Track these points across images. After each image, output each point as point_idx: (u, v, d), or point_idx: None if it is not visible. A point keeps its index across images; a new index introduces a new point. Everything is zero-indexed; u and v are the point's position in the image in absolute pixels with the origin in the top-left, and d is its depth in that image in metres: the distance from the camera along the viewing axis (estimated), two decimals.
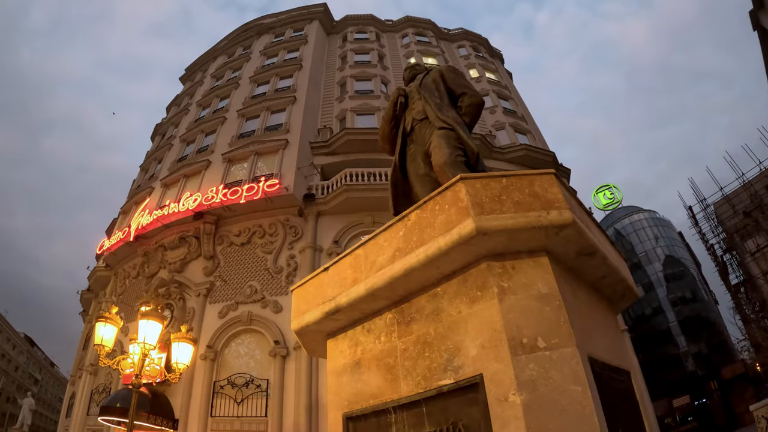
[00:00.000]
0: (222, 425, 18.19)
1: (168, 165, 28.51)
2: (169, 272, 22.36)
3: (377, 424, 3.63)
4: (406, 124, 5.59)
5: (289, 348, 18.32)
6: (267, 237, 21.23)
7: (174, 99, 41.02)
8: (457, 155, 4.71)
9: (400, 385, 3.59)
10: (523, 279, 3.33)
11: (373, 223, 20.75)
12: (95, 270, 29.17)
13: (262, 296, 19.75)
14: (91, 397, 24.55)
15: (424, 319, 3.67)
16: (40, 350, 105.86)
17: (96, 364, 24.93)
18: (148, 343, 9.37)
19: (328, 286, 4.26)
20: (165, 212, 22.67)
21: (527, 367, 3.01)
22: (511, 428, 2.86)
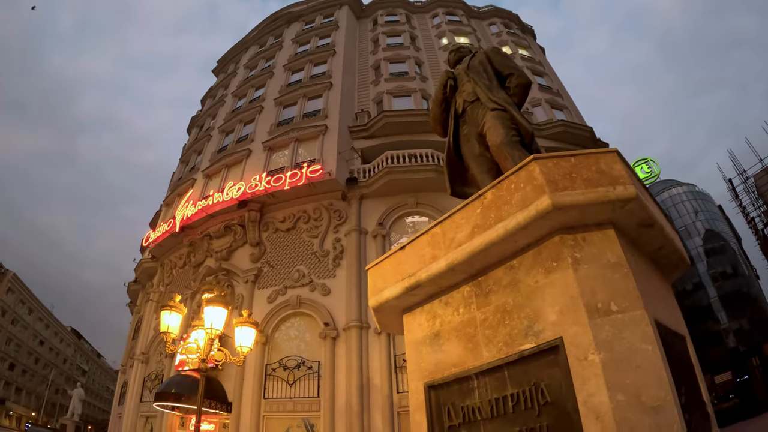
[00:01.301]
0: (275, 407, 18.52)
1: (209, 156, 28.89)
2: (216, 260, 22.73)
3: (459, 391, 3.84)
4: (457, 106, 5.68)
5: (338, 329, 18.53)
6: (312, 222, 21.42)
7: (208, 91, 41.45)
8: (512, 135, 4.83)
9: (482, 352, 3.80)
10: (594, 250, 3.56)
11: (416, 204, 20.80)
12: (141, 262, 29.71)
13: (310, 280, 19.97)
14: (143, 384, 25.18)
15: (501, 290, 3.88)
16: (87, 342, 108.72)
17: (147, 352, 25.53)
18: (214, 328, 9.52)
19: (407, 264, 4.50)
20: (209, 202, 23.00)
21: (603, 329, 3.24)
22: (591, 385, 3.09)
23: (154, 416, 23.02)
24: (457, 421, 3.78)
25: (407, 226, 20.73)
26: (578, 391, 3.13)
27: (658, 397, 3.03)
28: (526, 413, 3.37)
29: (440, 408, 3.97)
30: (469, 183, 5.59)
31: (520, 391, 3.43)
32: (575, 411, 3.10)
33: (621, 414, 2.96)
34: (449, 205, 14.77)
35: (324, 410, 17.42)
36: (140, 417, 24.59)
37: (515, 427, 3.39)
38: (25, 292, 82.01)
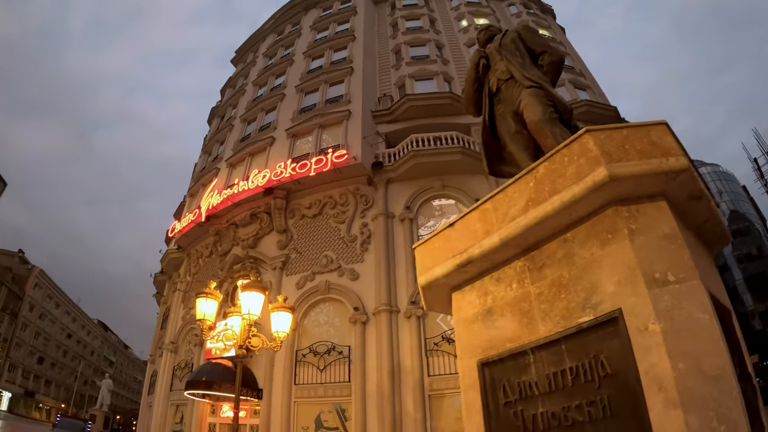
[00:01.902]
0: (306, 392, 18.57)
1: (231, 145, 28.96)
2: (243, 249, 22.78)
3: (515, 367, 3.85)
4: (491, 85, 5.70)
5: (368, 314, 18.51)
6: (338, 207, 21.35)
7: (228, 81, 41.49)
8: (551, 112, 4.84)
9: (538, 326, 3.80)
10: (648, 221, 3.58)
11: (442, 187, 20.66)
12: (167, 252, 29.88)
13: (338, 265, 19.94)
14: (173, 373, 25.42)
15: (556, 264, 3.89)
16: (114, 334, 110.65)
17: (176, 342, 25.72)
18: (252, 313, 9.47)
19: (457, 240, 4.53)
20: (234, 191, 23.06)
21: (662, 299, 3.25)
22: (653, 354, 3.11)
23: (185, 404, 23.19)
24: (513, 397, 3.79)
25: (434, 210, 20.62)
26: (639, 361, 3.14)
27: (717, 366, 3.05)
28: (586, 386, 3.37)
29: (495, 385, 3.98)
30: (507, 161, 5.62)
31: (579, 365, 3.43)
32: (637, 382, 3.11)
33: (683, 382, 2.98)
34: (476, 188, 14.78)
35: (355, 395, 17.45)
36: (170, 405, 24.84)
37: (575, 400, 3.38)
38: (51, 287, 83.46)
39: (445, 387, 16.71)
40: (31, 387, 79.01)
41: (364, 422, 16.87)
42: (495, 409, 3.92)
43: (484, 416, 3.98)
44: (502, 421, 3.83)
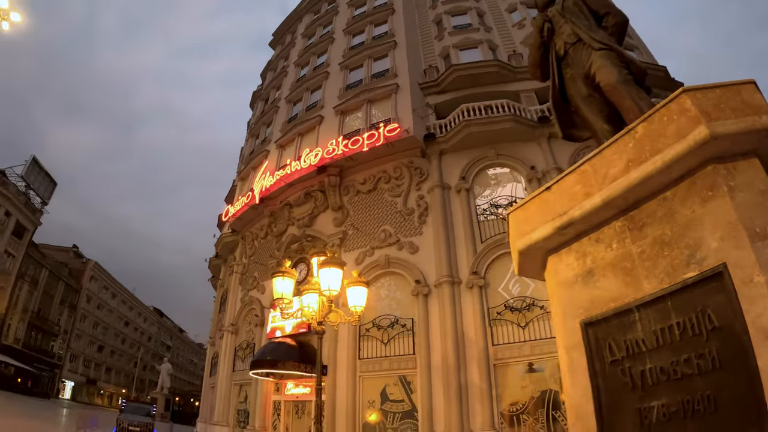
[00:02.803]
0: (370, 366, 18.72)
1: (279, 127, 29.13)
2: (299, 228, 22.96)
3: (619, 325, 3.91)
4: (557, 49, 5.62)
5: (430, 286, 18.48)
6: (393, 181, 21.29)
7: (267, 64, 41.70)
8: (625, 74, 4.79)
9: (642, 284, 3.84)
10: (745, 178, 3.60)
11: (496, 156, 20.38)
12: (222, 237, 30.29)
13: (396, 239, 19.93)
14: (235, 354, 25.96)
15: (657, 222, 3.93)
16: (169, 319, 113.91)
17: (236, 323, 26.19)
18: (332, 289, 9.46)
19: (555, 203, 4.56)
20: (287, 171, 23.20)
21: (765, 251, 3.28)
22: (758, 305, 3.11)
23: (249, 384, 23.69)
24: (620, 355, 3.85)
25: (489, 179, 20.38)
26: (746, 312, 3.16)
27: None
28: (693, 340, 3.41)
29: (599, 344, 4.04)
30: (579, 125, 5.60)
31: (685, 319, 3.47)
32: (744, 332, 3.14)
33: None
34: (529, 155, 14.59)
35: (420, 367, 17.53)
36: (234, 386, 25.41)
37: (683, 354, 3.43)
38: (106, 278, 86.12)
39: (509, 356, 16.64)
40: (92, 375, 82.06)
41: (430, 393, 16.95)
42: (601, 367, 3.99)
43: (590, 375, 4.04)
44: (609, 379, 3.90)
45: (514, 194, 19.46)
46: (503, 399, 16.25)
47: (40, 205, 63.46)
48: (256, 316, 24.48)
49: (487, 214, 19.35)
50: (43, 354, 66.89)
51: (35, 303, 63.97)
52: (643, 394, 3.60)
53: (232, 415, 24.99)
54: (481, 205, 19.68)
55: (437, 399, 16.78)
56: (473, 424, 16.00)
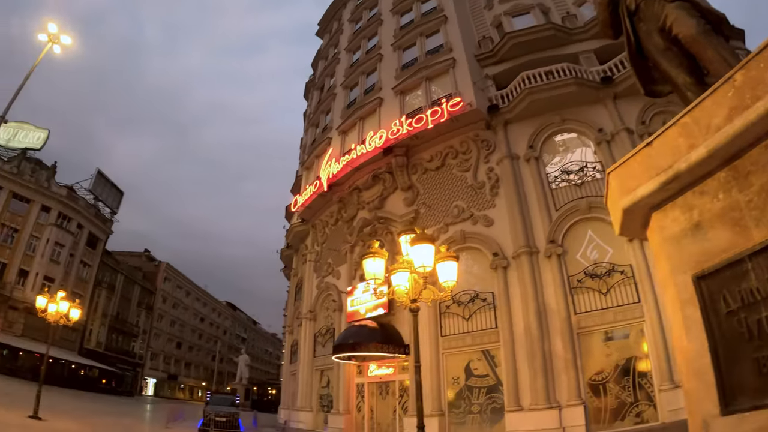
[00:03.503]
0: (453, 343, 18.77)
1: (339, 113, 29.28)
2: (369, 211, 23.13)
3: (732, 276, 3.79)
4: (628, 4, 5.46)
5: (508, 258, 18.35)
6: (460, 156, 21.16)
7: (317, 54, 41.81)
8: (704, 24, 4.59)
9: (752, 233, 3.74)
10: None
11: (562, 121, 19.96)
12: (292, 227, 30.73)
13: (470, 213, 19.84)
14: (314, 340, 26.37)
15: (761, 170, 3.81)
16: (242, 312, 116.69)
17: (314, 310, 26.54)
18: (425, 265, 9.48)
19: (658, 158, 4.45)
20: (353, 156, 23.35)
21: None
22: None
23: (330, 368, 24.04)
24: (735, 306, 3.72)
25: (557, 145, 19.98)
26: None
27: None
28: None
29: (713, 296, 3.93)
30: (658, 80, 5.44)
31: None
32: None
33: None
34: (595, 118, 14.27)
35: (503, 340, 17.46)
36: (315, 371, 25.85)
37: None
38: (179, 277, 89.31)
39: (593, 324, 16.41)
40: (172, 371, 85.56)
41: (514, 366, 16.91)
42: (716, 320, 3.89)
43: (705, 329, 3.95)
44: (725, 330, 3.80)
45: (584, 159, 19.03)
46: (588, 368, 16.08)
47: (110, 215, 66.60)
48: (334, 301, 24.85)
49: (558, 181, 19.03)
50: (125, 354, 70.52)
51: (114, 307, 66.94)
52: (760, 344, 3.51)
53: (315, 400, 25.49)
54: (551, 172, 19.36)
55: (522, 372, 16.72)
56: (559, 396, 15.90)
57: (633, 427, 14.49)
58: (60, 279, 53.36)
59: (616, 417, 15.07)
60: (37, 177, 56.22)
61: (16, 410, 18.63)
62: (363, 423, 21.75)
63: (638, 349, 15.44)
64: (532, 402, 16.04)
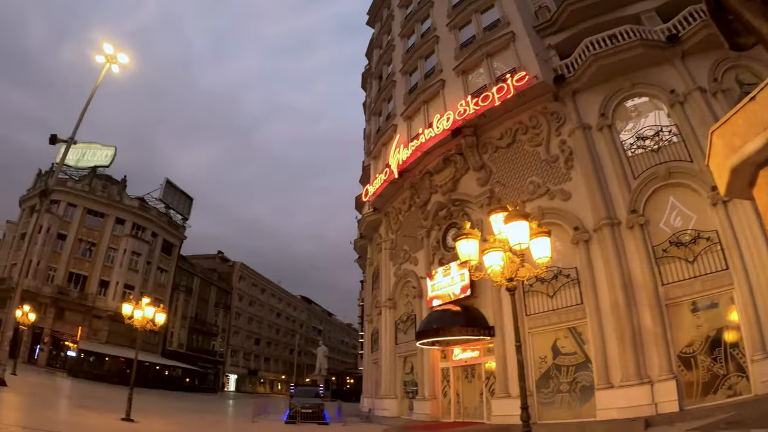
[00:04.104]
0: (538, 321, 18.47)
1: (401, 100, 29.12)
2: (443, 194, 22.98)
3: None
4: None
5: (589, 231, 17.89)
6: (531, 131, 20.73)
7: (370, 43, 41.70)
8: None
9: None
10: None
11: (631, 86, 19.20)
12: (364, 217, 30.84)
13: (546, 189, 19.44)
14: (396, 327, 26.48)
15: None
16: (317, 305, 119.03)
17: (393, 298, 26.57)
18: (521, 242, 9.23)
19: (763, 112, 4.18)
20: (421, 140, 23.18)
21: None
22: None
23: (414, 355, 24.13)
24: None
25: (629, 111, 19.21)
26: None
27: None
28: None
29: None
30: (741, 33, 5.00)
31: None
32: None
33: None
34: (665, 79, 13.78)
35: (590, 316, 17.07)
36: (398, 358, 25.97)
37: None
38: (253, 275, 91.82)
39: (681, 294, 15.82)
40: (252, 366, 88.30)
41: (603, 342, 16.50)
42: None
43: None
44: None
45: (659, 123, 18.25)
46: (678, 341, 15.54)
47: (182, 221, 69.30)
48: (413, 287, 24.85)
49: (634, 148, 18.35)
50: (206, 353, 73.38)
51: (192, 309, 69.47)
52: None
53: (399, 387, 25.64)
54: (626, 140, 18.67)
55: (611, 347, 16.31)
56: (650, 370, 15.42)
57: (725, 400, 13.91)
58: (139, 286, 56.39)
59: (707, 390, 14.52)
60: (108, 192, 59.57)
61: (108, 414, 19.29)
62: (449, 408, 21.75)
63: (728, 318, 14.79)
64: (622, 378, 15.64)
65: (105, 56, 24.95)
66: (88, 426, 16.00)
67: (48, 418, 16.26)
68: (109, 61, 24.86)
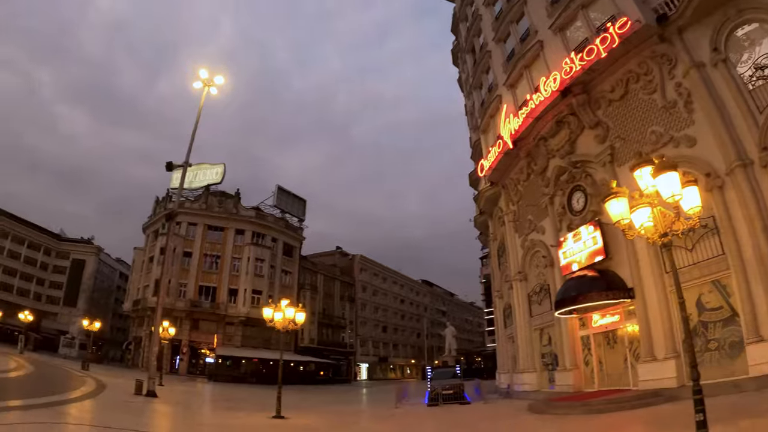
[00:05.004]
0: (680, 278, 17.33)
1: (500, 69, 28.52)
2: (561, 158, 22.36)
3: None
4: None
5: (721, 176, 16.53)
6: (642, 79, 19.47)
7: (454, 18, 41.46)
8: None
9: None
10: None
11: (739, 12, 17.29)
12: (482, 192, 30.78)
13: (669, 137, 18.23)
14: (529, 300, 26.06)
15: None
16: (438, 287, 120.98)
17: (523, 270, 26.16)
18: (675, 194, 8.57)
19: None
20: (530, 107, 22.65)
21: None
22: None
23: (551, 326, 23.67)
24: None
25: (741, 41, 17.28)
26: None
27: None
28: None
29: None
30: None
31: None
32: None
33: None
34: None
35: (733, 267, 15.78)
36: (534, 331, 25.60)
37: None
38: (374, 266, 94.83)
39: None
40: (382, 353, 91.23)
41: (749, 294, 15.14)
42: None
43: None
44: None
45: None
46: None
47: (298, 223, 72.85)
48: (543, 257, 24.40)
49: (754, 80, 16.71)
50: (336, 346, 77.05)
51: (319, 305, 72.78)
52: None
53: (537, 360, 25.26)
54: (744, 72, 16.91)
55: (758, 298, 14.88)
56: None
57: None
58: (266, 290, 60.23)
59: None
60: (225, 206, 64.16)
61: (258, 413, 20.43)
62: (592, 376, 21.09)
63: None
64: None
65: (202, 81, 26.97)
66: (247, 426, 17.01)
67: (206, 423, 17.58)
68: (206, 85, 26.60)
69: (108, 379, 29.53)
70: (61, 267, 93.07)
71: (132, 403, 19.37)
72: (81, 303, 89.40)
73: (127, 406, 18.23)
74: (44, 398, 15.59)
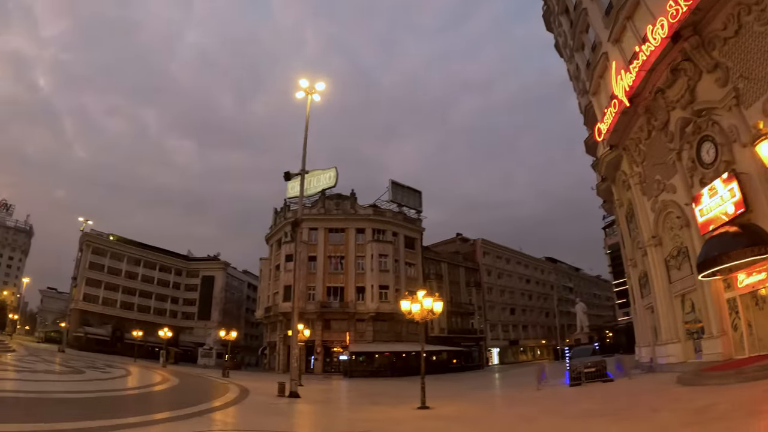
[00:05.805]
0: None
1: (600, 25, 27.11)
2: (683, 109, 20.84)
3: None
4: None
5: None
6: (754, 9, 17.08)
7: None
8: None
9: None
10: None
11: None
12: (601, 158, 29.85)
13: None
14: (666, 265, 24.68)
15: None
16: (562, 263, 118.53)
17: (656, 235, 25.01)
18: None
19: None
20: (641, 59, 21.14)
21: None
22: None
23: (692, 291, 22.26)
24: None
25: None
26: None
27: None
28: None
29: None
30: None
31: None
32: None
33: None
34: None
35: None
36: (674, 298, 24.16)
37: None
38: (495, 248, 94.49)
39: None
40: (512, 336, 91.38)
41: None
42: None
43: None
44: None
45: None
46: None
47: (416, 215, 73.76)
48: (678, 218, 22.79)
49: None
50: (466, 332, 77.81)
51: (446, 293, 72.97)
52: None
53: (680, 329, 23.85)
54: None
55: None
56: None
57: None
58: (393, 284, 61.95)
59: None
60: (342, 208, 66.77)
61: (402, 405, 20.66)
62: (742, 342, 19.11)
63: None
64: None
65: (303, 90, 28.07)
66: (396, 419, 16.99)
67: (355, 418, 17.82)
68: (308, 93, 27.39)
69: (249, 383, 30.99)
70: (192, 285, 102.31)
71: (277, 405, 20.23)
72: (215, 315, 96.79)
73: (273, 409, 19.07)
74: (194, 407, 16.37)
